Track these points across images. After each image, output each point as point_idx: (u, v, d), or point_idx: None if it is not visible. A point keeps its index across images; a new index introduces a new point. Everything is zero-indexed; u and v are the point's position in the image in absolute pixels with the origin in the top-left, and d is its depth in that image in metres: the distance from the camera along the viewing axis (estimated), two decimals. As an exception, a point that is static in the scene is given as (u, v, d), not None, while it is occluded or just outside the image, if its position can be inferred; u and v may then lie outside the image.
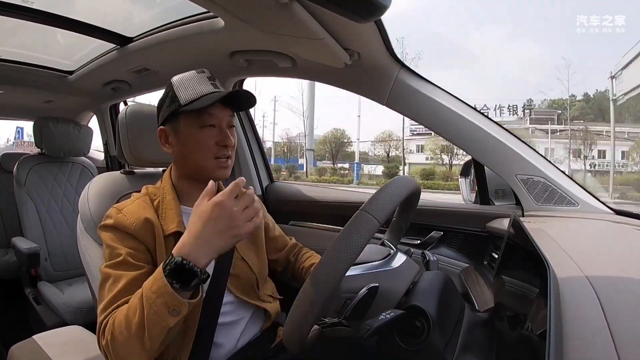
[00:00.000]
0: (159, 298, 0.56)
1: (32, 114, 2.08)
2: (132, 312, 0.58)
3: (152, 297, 0.57)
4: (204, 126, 0.73)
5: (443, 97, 0.99)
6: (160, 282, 0.57)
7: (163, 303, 0.56)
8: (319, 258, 0.86)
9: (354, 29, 0.82)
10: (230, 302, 0.77)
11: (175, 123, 0.74)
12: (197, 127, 0.73)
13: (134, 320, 0.57)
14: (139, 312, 0.57)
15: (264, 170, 1.56)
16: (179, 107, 0.72)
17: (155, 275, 0.59)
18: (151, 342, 0.58)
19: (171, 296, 0.56)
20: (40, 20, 1.18)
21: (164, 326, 0.57)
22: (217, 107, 0.73)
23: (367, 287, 0.57)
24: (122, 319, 0.59)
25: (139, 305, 0.58)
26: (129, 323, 0.58)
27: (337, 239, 0.50)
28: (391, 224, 0.78)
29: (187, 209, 0.77)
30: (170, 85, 0.75)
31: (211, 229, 0.58)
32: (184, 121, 0.73)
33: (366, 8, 0.54)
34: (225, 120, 0.75)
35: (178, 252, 0.58)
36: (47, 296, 1.54)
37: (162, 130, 0.77)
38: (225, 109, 0.74)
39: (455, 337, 0.57)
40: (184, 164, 0.77)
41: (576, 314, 0.42)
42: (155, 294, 0.56)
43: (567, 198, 0.91)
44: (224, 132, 0.74)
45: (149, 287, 0.58)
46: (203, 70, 0.76)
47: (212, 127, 0.73)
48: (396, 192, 0.56)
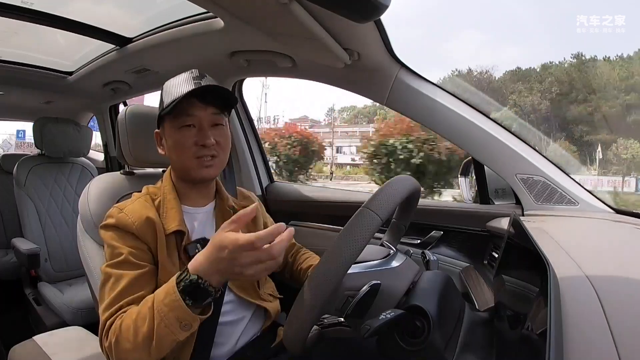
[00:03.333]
0: (171, 312, 0.56)
1: (31, 114, 2.08)
2: (141, 321, 0.58)
3: (164, 310, 0.56)
4: (182, 127, 0.72)
5: (443, 97, 0.99)
6: (173, 296, 0.56)
7: (175, 317, 0.56)
8: (318, 259, 0.86)
9: (353, 29, 0.82)
10: (230, 301, 0.77)
11: (163, 126, 0.76)
12: (176, 129, 0.72)
13: (142, 330, 0.57)
14: (148, 322, 0.57)
15: (263, 170, 1.56)
16: (162, 110, 0.73)
17: (167, 288, 0.58)
18: (158, 352, 0.58)
19: (184, 311, 0.55)
20: (39, 21, 1.18)
21: (174, 339, 0.57)
22: (197, 106, 0.72)
23: (369, 285, 0.57)
24: (130, 325, 0.59)
25: (148, 315, 0.57)
26: (137, 331, 0.58)
27: (339, 236, 0.50)
28: (391, 224, 0.78)
29: (188, 208, 0.77)
30: (162, 88, 0.76)
31: (217, 264, 0.55)
32: (167, 124, 0.74)
33: (366, 8, 0.54)
34: (207, 119, 0.73)
35: (194, 269, 0.56)
36: (47, 297, 1.54)
37: (157, 133, 0.78)
38: (206, 107, 0.72)
39: (456, 336, 0.57)
40: (173, 166, 0.78)
41: (576, 313, 0.42)
42: (167, 307, 0.56)
43: (567, 197, 0.91)
44: (203, 131, 0.72)
45: (161, 299, 0.57)
46: (192, 71, 0.75)
47: (191, 127, 0.72)
48: (398, 190, 0.57)
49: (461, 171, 1.22)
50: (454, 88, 1.01)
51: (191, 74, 0.74)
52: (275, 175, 1.65)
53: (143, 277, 0.67)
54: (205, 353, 0.72)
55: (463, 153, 2.25)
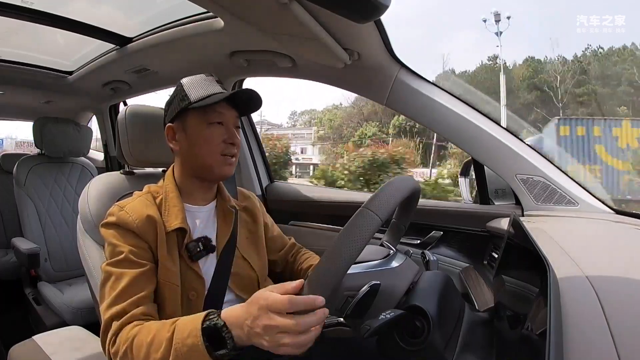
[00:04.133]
0: (189, 352, 0.53)
1: (31, 114, 2.08)
2: (156, 346, 0.56)
3: (183, 350, 0.54)
4: (212, 123, 0.74)
5: (442, 97, 0.99)
6: (196, 339, 0.53)
7: (191, 359, 0.53)
8: (318, 259, 0.86)
9: (353, 29, 0.82)
10: (231, 301, 0.77)
11: (184, 120, 0.76)
12: (205, 124, 0.74)
13: (155, 357, 0.55)
14: (163, 352, 0.55)
15: (263, 170, 1.56)
16: (189, 104, 0.74)
17: (192, 329, 0.54)
18: None
19: (202, 356, 0.53)
20: (39, 21, 1.18)
21: None
22: (225, 106, 0.75)
23: (369, 285, 0.57)
24: (143, 345, 0.57)
25: (164, 345, 0.55)
26: (148, 356, 0.56)
27: (339, 237, 0.50)
28: (390, 225, 0.78)
29: (190, 207, 0.77)
30: (180, 85, 0.77)
31: (244, 319, 0.51)
32: (193, 118, 0.75)
33: (366, 8, 0.54)
34: (232, 120, 0.77)
35: (224, 316, 0.54)
36: (47, 296, 1.54)
37: (170, 127, 0.78)
38: (231, 109, 0.76)
39: (455, 336, 0.57)
40: (190, 160, 0.77)
41: (576, 313, 0.42)
42: (187, 347, 0.54)
43: (567, 197, 0.91)
44: (231, 130, 0.76)
45: (184, 337, 0.54)
46: (211, 74, 0.79)
47: (219, 124, 0.75)
48: (398, 190, 0.57)
49: (461, 171, 1.22)
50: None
51: (212, 77, 0.78)
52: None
53: (144, 276, 0.67)
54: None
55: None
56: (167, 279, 0.69)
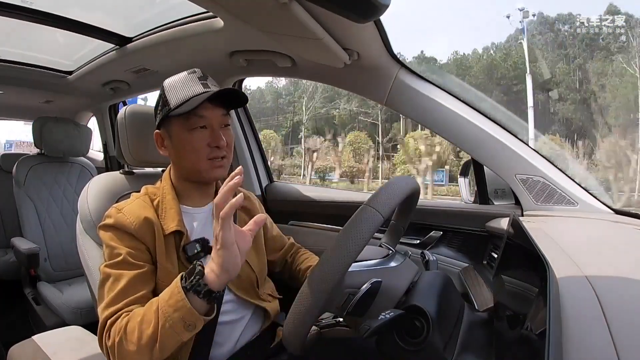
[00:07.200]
0: (176, 312, 0.56)
1: (31, 114, 2.08)
2: (146, 323, 0.58)
3: (168, 310, 0.56)
4: (194, 128, 0.72)
5: (442, 97, 0.99)
6: (178, 296, 0.56)
7: (180, 318, 0.56)
8: (316, 260, 0.87)
9: (353, 29, 0.82)
10: (230, 301, 0.77)
11: (168, 127, 0.75)
12: (187, 130, 0.72)
13: (147, 332, 0.57)
14: (154, 324, 0.57)
15: (263, 170, 1.56)
16: (169, 110, 0.72)
17: (172, 289, 0.58)
18: (161, 353, 0.58)
19: (189, 312, 0.56)
20: (39, 21, 1.18)
21: (178, 340, 0.57)
22: (207, 107, 0.72)
23: (370, 282, 0.57)
24: (135, 327, 0.59)
25: (154, 317, 0.57)
26: (141, 334, 0.58)
27: (341, 233, 0.50)
28: (389, 225, 0.78)
29: (187, 208, 0.77)
30: (162, 88, 0.75)
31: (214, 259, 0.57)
32: (175, 125, 0.73)
33: (366, 8, 0.54)
34: (217, 120, 0.73)
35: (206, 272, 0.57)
36: (47, 296, 1.54)
37: (158, 134, 0.77)
38: (216, 108, 0.73)
39: (455, 337, 0.57)
40: (180, 167, 0.77)
41: (576, 314, 0.42)
42: (172, 307, 0.56)
43: (567, 197, 0.91)
44: (216, 133, 0.73)
45: (166, 299, 0.57)
46: (194, 71, 0.75)
47: (203, 128, 0.72)
48: (399, 188, 0.57)
49: (461, 171, 1.22)
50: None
51: (195, 74, 0.74)
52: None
53: (142, 277, 0.67)
54: (204, 353, 0.72)
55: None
56: (166, 280, 0.69)
